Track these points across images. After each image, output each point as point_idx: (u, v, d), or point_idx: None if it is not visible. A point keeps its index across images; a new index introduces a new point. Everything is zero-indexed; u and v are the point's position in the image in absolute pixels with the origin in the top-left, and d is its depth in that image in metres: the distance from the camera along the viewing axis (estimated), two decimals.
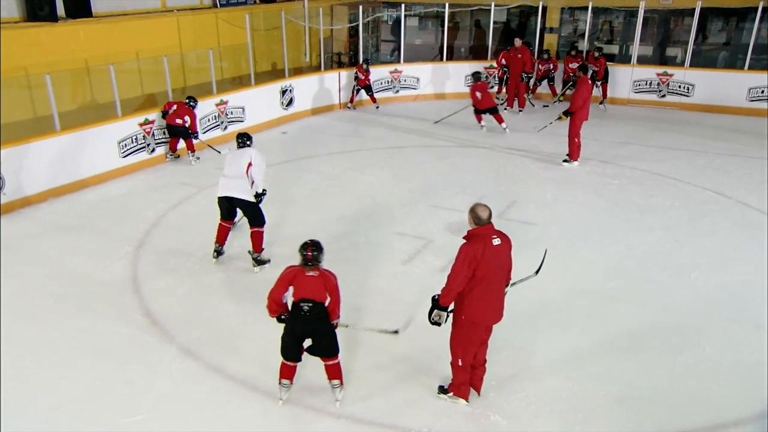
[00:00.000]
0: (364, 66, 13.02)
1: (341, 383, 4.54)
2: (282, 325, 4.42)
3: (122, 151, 9.06)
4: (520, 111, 13.05)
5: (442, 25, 14.75)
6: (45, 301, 5.82)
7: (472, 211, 4.21)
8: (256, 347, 5.18)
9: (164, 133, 9.72)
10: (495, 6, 14.27)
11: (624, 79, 13.80)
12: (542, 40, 14.56)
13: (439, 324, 4.37)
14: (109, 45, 10.13)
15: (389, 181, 9.13)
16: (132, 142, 9.19)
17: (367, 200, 8.36)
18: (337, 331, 4.45)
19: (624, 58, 14.80)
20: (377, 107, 13.32)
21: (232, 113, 10.97)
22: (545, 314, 5.68)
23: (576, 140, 9.47)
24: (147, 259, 6.69)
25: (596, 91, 13.37)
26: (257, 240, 6.56)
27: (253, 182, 6.35)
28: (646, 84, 13.72)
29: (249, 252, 6.58)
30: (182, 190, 8.64)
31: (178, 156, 9.90)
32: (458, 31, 17.17)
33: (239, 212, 6.62)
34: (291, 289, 4.25)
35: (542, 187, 8.82)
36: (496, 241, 4.19)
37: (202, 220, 7.68)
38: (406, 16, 14.21)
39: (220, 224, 6.65)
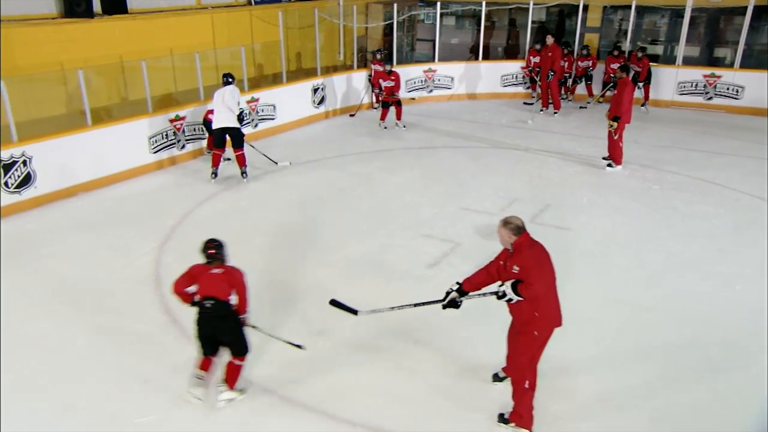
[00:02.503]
0: (378, 56, 12.59)
1: (229, 386, 4.35)
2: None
3: (152, 146, 9.08)
4: (555, 113, 12.65)
5: (479, 24, 14.48)
6: (66, 295, 5.80)
7: (507, 224, 3.97)
8: (275, 348, 5.04)
9: (195, 130, 9.71)
10: (534, 4, 13.91)
11: (668, 80, 13.27)
12: (582, 39, 14.13)
13: (457, 305, 4.23)
14: (143, 41, 10.18)
15: (419, 181, 8.92)
16: (162, 138, 9.21)
17: (396, 201, 8.17)
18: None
19: (668, 59, 14.23)
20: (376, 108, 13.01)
21: (262, 111, 10.93)
22: (576, 324, 5.29)
23: (620, 144, 9.09)
24: (171, 256, 6.63)
25: (638, 93, 12.93)
26: (242, 159, 8.67)
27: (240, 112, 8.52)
28: (692, 86, 13.16)
29: (239, 169, 8.72)
30: (211, 187, 8.60)
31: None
32: (494, 30, 16.84)
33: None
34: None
35: (578, 191, 8.48)
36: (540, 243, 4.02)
37: (229, 217, 7.64)
38: (442, 14, 13.92)
39: (214, 153, 8.70)
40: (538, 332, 4.03)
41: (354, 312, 4.73)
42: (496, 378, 4.66)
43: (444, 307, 4.29)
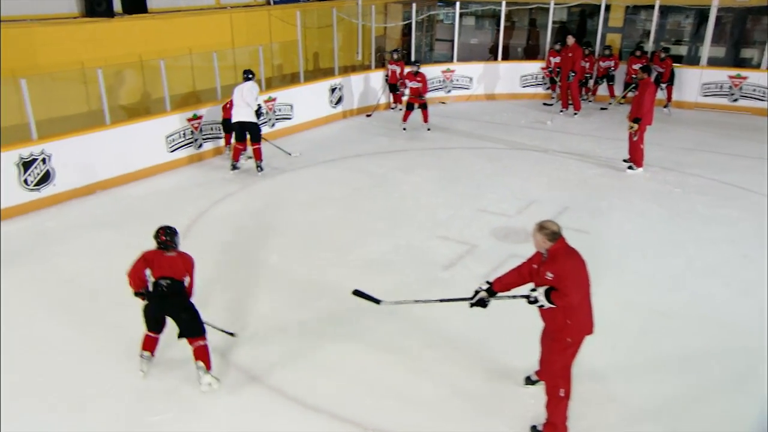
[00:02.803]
0: (395, 56, 12.53)
1: (207, 367, 4.48)
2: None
3: (170, 145, 9.13)
4: (575, 114, 12.47)
5: (498, 24, 14.35)
6: (81, 293, 5.83)
7: (543, 229, 3.84)
8: (288, 350, 5.04)
9: (212, 129, 9.74)
10: (555, 4, 13.74)
11: (692, 81, 13.00)
12: (603, 39, 13.93)
13: (485, 305, 4.12)
14: (163, 41, 10.23)
15: (435, 182, 8.84)
16: (180, 137, 9.25)
17: (411, 202, 8.11)
18: None
19: (693, 60, 13.95)
20: (400, 109, 12.88)
21: (280, 110, 10.93)
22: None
23: (641, 146, 8.92)
24: None
25: (660, 94, 12.71)
26: (258, 153, 9.00)
27: (258, 107, 8.90)
28: (717, 87, 12.89)
29: (254, 162, 9.05)
30: (226, 187, 8.61)
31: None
32: (515, 30, 16.69)
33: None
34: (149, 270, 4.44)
35: (597, 194, 8.33)
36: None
37: (243, 218, 7.64)
38: (461, 14, 13.82)
39: (234, 146, 9.04)
40: (571, 339, 3.93)
41: (377, 302, 4.71)
42: (529, 381, 4.56)
43: (471, 305, 4.19)
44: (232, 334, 5.08)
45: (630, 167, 9.06)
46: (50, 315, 5.51)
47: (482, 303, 4.17)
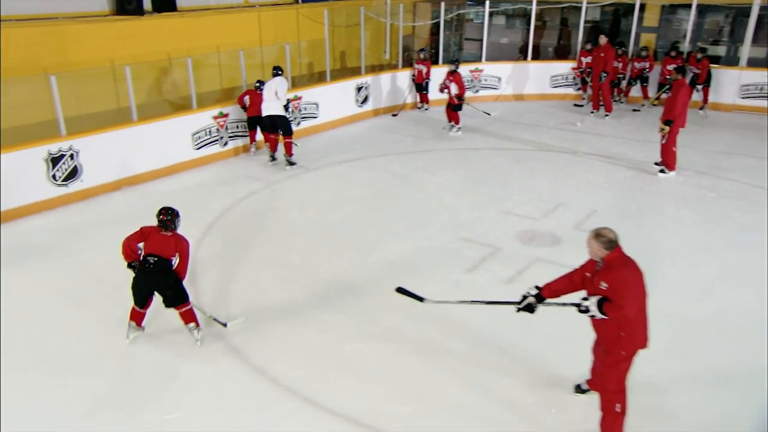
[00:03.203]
0: (422, 56, 12.38)
1: (196, 325, 4.98)
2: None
3: (196, 143, 9.18)
4: (607, 115, 12.17)
5: (529, 24, 14.12)
6: (102, 288, 5.87)
7: (599, 237, 3.71)
8: (304, 351, 5.00)
9: (238, 127, 9.78)
10: (587, 3, 13.45)
11: (730, 83, 12.59)
12: (638, 39, 13.60)
13: (532, 310, 4.02)
14: (191, 39, 10.32)
15: (460, 183, 8.71)
16: (205, 135, 9.29)
17: (435, 202, 7.99)
18: None
19: (731, 61, 13.51)
20: (426, 109, 12.82)
21: (305, 109, 10.91)
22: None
23: (672, 149, 8.65)
24: (206, 252, 6.66)
25: (696, 96, 12.34)
26: (289, 147, 9.24)
27: (287, 102, 9.11)
28: (756, 89, 12.45)
29: (284, 156, 9.26)
30: (250, 184, 8.62)
31: (260, 148, 10.02)
32: (546, 29, 16.42)
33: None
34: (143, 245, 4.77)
35: (627, 197, 8.11)
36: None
37: (266, 215, 7.63)
38: (491, 13, 13.63)
39: (266, 135, 9.33)
40: (625, 352, 3.78)
41: (420, 299, 4.64)
42: (579, 389, 4.42)
43: (518, 310, 4.07)
44: (224, 324, 5.20)
45: (662, 171, 8.79)
46: (72, 308, 5.57)
47: (530, 308, 4.04)
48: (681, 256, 6.53)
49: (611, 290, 3.62)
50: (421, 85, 12.62)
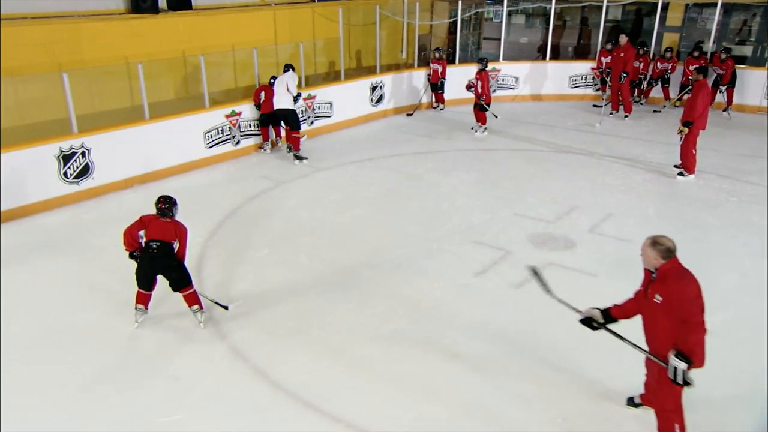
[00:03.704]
0: (437, 55, 12.23)
1: (200, 308, 5.19)
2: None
3: (207, 142, 9.15)
4: (626, 116, 11.92)
5: (548, 23, 13.90)
6: (107, 286, 5.84)
7: (656, 245, 3.50)
8: (308, 353, 4.91)
9: (250, 126, 9.73)
10: (608, 2, 13.18)
11: (756, 84, 12.22)
12: (660, 39, 13.30)
13: (592, 327, 3.90)
14: (206, 37, 10.31)
15: (473, 184, 8.57)
16: (218, 134, 9.26)
17: (447, 204, 7.86)
18: None
19: (757, 61, 13.14)
20: (441, 108, 12.66)
21: (319, 108, 10.84)
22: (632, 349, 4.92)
23: (692, 152, 8.41)
24: (213, 251, 6.61)
25: (720, 97, 12.05)
26: (296, 141, 9.46)
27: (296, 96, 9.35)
28: None
29: (288, 149, 9.54)
30: (261, 183, 8.57)
31: (274, 145, 10.01)
32: (566, 29, 16.16)
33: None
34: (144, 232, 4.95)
35: (644, 201, 7.89)
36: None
37: (275, 215, 7.57)
38: (510, 12, 13.44)
39: (278, 131, 9.87)
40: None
41: (548, 291, 4.24)
42: (631, 402, 4.24)
43: (580, 321, 3.97)
44: (225, 307, 5.34)
45: (680, 174, 8.55)
46: (81, 306, 5.57)
47: (589, 324, 3.90)
48: (699, 262, 6.20)
49: (665, 303, 3.45)
50: (436, 85, 12.47)
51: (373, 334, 5.17)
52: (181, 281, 5.09)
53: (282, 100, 9.24)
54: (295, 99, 9.35)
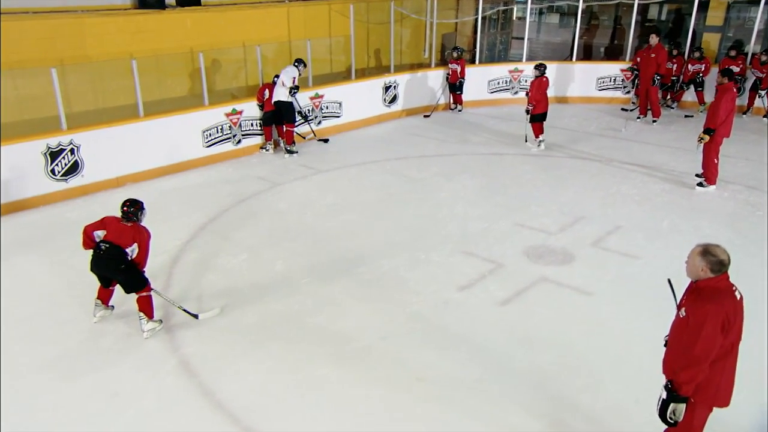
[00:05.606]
0: (455, 55, 11.76)
1: (147, 317, 4.94)
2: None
3: (206, 140, 8.93)
4: (654, 122, 11.18)
5: (581, 22, 13.22)
6: (82, 284, 5.58)
7: (707, 254, 3.04)
8: (259, 373, 4.57)
9: (252, 125, 9.49)
10: (639, 2, 12.41)
11: None
12: (694, 39, 12.47)
13: (676, 422, 3.18)
14: (215, 34, 10.10)
15: (477, 191, 8.09)
16: (217, 132, 9.04)
17: (445, 210, 7.41)
18: None
19: None
20: (460, 110, 12.15)
21: (327, 108, 10.51)
22: (645, 371, 4.35)
23: (714, 161, 7.72)
24: (189, 255, 6.35)
25: (759, 102, 11.21)
26: (290, 135, 9.42)
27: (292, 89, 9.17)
28: None
29: (282, 143, 9.55)
30: (256, 185, 8.30)
31: (277, 146, 9.76)
32: (600, 28, 15.41)
33: None
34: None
35: (659, 213, 7.26)
36: (738, 294, 3.10)
37: (263, 219, 7.30)
38: (541, 12, 12.84)
39: (279, 129, 9.62)
40: (694, 399, 3.12)
41: (673, 293, 3.60)
42: None
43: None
44: (195, 316, 5.13)
45: (700, 184, 7.86)
46: (64, 304, 5.44)
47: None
48: None
49: (685, 322, 3.03)
50: (454, 85, 11.99)
51: (335, 352, 4.80)
52: (127, 285, 4.92)
53: (278, 93, 9.19)
54: (291, 93, 9.15)
